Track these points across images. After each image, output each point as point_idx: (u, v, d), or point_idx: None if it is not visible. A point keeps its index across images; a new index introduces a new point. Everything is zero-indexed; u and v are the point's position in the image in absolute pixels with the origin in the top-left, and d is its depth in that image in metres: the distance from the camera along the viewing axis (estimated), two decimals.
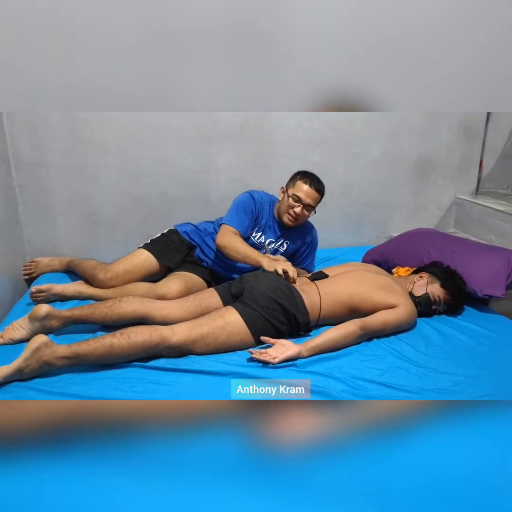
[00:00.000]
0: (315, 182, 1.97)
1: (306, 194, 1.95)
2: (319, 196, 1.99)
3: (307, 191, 1.95)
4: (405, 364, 1.55)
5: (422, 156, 2.74)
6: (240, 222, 1.98)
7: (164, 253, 2.06)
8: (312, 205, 1.98)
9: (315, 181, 1.98)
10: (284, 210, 2.00)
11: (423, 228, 2.64)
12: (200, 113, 2.33)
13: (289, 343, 1.55)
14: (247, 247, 1.91)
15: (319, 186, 1.98)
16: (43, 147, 2.22)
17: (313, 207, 1.99)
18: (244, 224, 1.99)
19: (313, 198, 1.96)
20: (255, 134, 2.44)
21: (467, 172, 2.85)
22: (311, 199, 1.96)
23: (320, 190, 1.98)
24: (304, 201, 1.95)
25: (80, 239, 2.41)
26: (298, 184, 1.97)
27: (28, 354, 1.38)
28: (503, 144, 2.94)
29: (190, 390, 1.36)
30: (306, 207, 1.97)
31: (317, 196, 1.98)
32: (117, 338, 1.45)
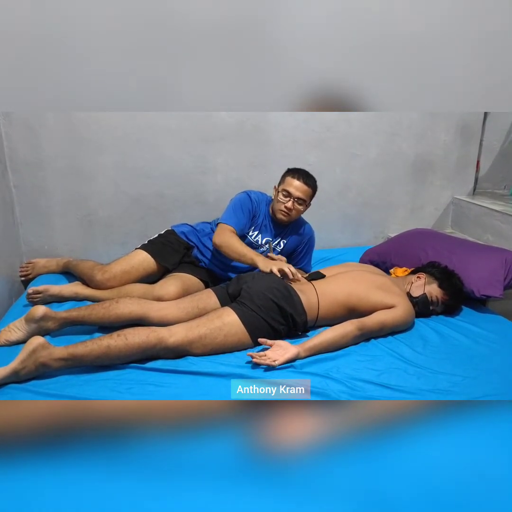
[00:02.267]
0: (304, 176, 1.99)
1: (295, 188, 1.97)
2: (309, 189, 2.00)
3: (296, 185, 1.97)
4: (403, 365, 1.55)
5: (419, 156, 2.74)
6: (237, 221, 1.99)
7: (162, 253, 2.06)
8: (303, 198, 1.99)
9: (304, 175, 1.99)
10: (277, 206, 2.02)
11: (420, 228, 2.65)
12: (198, 113, 2.33)
13: (287, 344, 1.55)
14: (243, 246, 1.91)
15: (308, 179, 1.99)
16: (40, 147, 2.21)
17: (304, 200, 2.00)
18: (241, 223, 2.00)
19: (302, 191, 1.98)
20: (252, 135, 2.44)
21: (464, 172, 2.86)
22: (300, 192, 1.97)
23: (309, 183, 2.00)
24: (294, 194, 1.97)
25: (77, 240, 2.40)
26: (287, 179, 2.00)
27: (24, 356, 1.37)
28: (500, 145, 2.95)
29: (187, 392, 1.36)
30: (297, 201, 1.98)
31: (306, 189, 1.99)
32: (114, 339, 1.45)
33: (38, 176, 2.25)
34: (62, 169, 2.27)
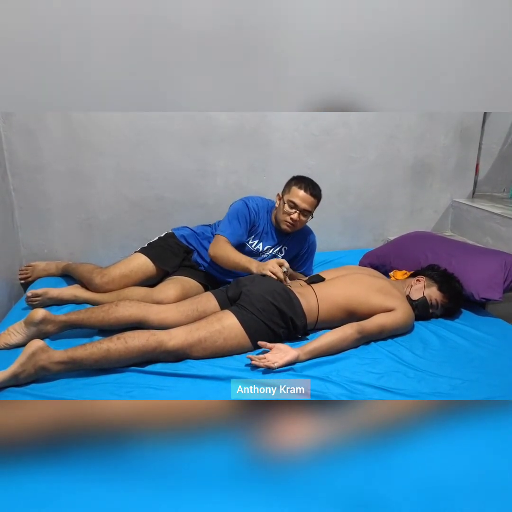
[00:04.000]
0: (310, 187, 1.95)
1: (302, 199, 1.93)
2: (315, 201, 1.98)
3: (303, 196, 1.93)
4: (403, 368, 1.55)
5: (418, 159, 2.74)
6: (232, 231, 1.97)
7: (161, 257, 2.06)
8: (309, 209, 1.97)
9: (310, 186, 1.96)
10: (281, 217, 1.99)
11: (420, 231, 2.65)
12: (197, 116, 2.33)
13: (287, 347, 1.54)
14: (236, 255, 1.89)
15: (314, 190, 1.96)
16: (40, 151, 2.21)
17: (309, 211, 1.98)
18: (237, 233, 1.98)
19: (309, 203, 1.95)
20: (252, 138, 2.44)
21: (463, 175, 2.86)
22: (307, 204, 1.94)
23: (316, 194, 1.97)
24: (300, 206, 1.94)
25: (77, 243, 2.40)
26: (293, 189, 1.95)
27: (24, 359, 1.37)
28: (499, 147, 2.95)
29: (187, 395, 1.36)
30: (302, 212, 1.96)
31: (313, 201, 1.96)
32: (114, 342, 1.45)
33: (37, 179, 2.25)
34: (62, 173, 2.27)
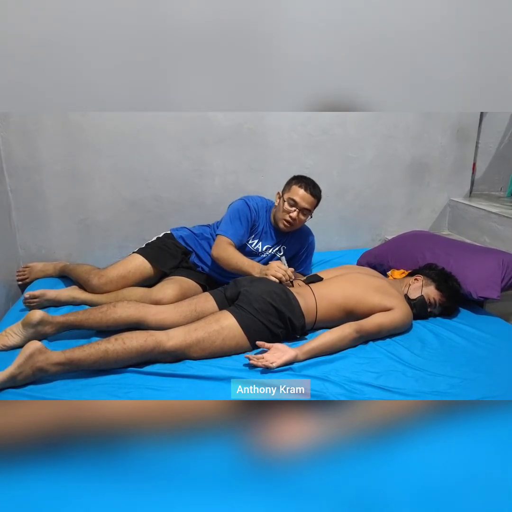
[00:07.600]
0: (311, 186, 1.97)
1: (302, 198, 1.94)
2: (315, 200, 1.99)
3: (303, 195, 1.94)
4: (401, 367, 1.55)
5: (416, 158, 2.75)
6: (235, 232, 1.97)
7: (159, 258, 2.06)
8: (308, 208, 1.97)
9: (311, 185, 1.97)
10: (280, 215, 2.00)
11: (417, 230, 2.65)
12: (195, 116, 2.33)
13: (285, 347, 1.54)
14: (239, 258, 1.89)
15: (314, 190, 1.97)
16: (37, 151, 2.21)
17: (309, 211, 1.99)
18: (239, 233, 1.98)
19: (308, 202, 1.96)
20: (250, 138, 2.44)
21: (460, 174, 2.87)
22: (306, 203, 1.96)
23: (316, 194, 1.98)
24: (300, 204, 1.95)
25: (74, 244, 2.39)
26: (293, 188, 1.97)
27: (21, 361, 1.36)
28: (496, 146, 2.96)
29: (186, 395, 1.36)
30: (302, 211, 1.97)
31: (313, 200, 1.97)
32: (112, 343, 1.44)
33: (35, 180, 2.24)
34: (59, 173, 2.26)
